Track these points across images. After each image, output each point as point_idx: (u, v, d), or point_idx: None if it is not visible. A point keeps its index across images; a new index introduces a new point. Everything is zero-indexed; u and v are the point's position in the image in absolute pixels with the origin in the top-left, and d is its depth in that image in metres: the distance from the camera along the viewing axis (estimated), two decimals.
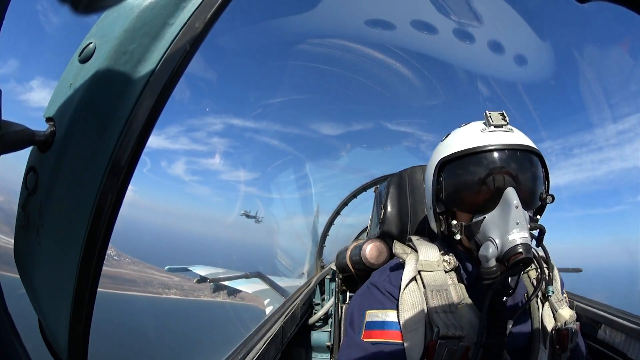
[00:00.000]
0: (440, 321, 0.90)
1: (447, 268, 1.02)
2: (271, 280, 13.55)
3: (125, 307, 34.43)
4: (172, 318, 35.36)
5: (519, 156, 0.95)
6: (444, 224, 1.03)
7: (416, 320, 0.94)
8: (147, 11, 0.47)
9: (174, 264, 19.27)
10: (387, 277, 1.08)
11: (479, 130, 1.00)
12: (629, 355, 1.41)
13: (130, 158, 0.45)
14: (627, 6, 0.45)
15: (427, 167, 1.12)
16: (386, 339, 0.96)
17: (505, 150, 0.94)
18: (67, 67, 0.53)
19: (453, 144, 1.02)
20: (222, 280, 17.75)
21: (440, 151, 1.05)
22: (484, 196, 0.94)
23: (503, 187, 0.91)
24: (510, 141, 0.95)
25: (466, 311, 0.95)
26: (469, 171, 0.96)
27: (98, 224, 0.45)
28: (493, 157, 0.94)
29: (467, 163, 0.97)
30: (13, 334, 0.50)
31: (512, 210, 0.87)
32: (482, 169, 0.94)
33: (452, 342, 0.87)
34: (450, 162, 1.00)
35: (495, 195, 0.91)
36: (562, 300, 1.06)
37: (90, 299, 0.48)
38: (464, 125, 1.08)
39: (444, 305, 0.93)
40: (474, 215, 0.95)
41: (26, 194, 0.54)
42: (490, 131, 0.98)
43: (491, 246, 0.87)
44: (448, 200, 1.01)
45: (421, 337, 0.92)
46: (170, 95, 0.46)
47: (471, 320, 0.94)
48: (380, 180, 3.18)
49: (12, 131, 0.44)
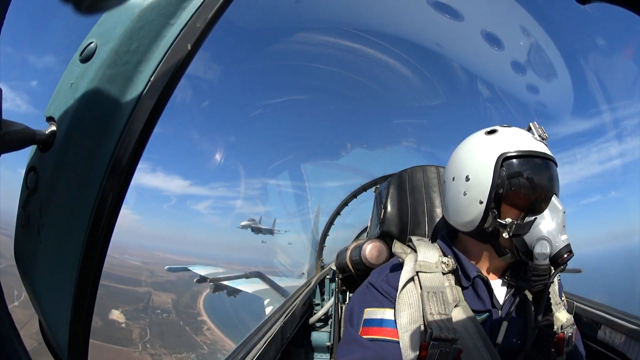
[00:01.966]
0: (434, 323, 0.91)
1: (445, 270, 1.02)
2: (271, 280, 13.54)
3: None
4: None
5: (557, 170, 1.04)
6: (491, 220, 0.99)
7: (412, 321, 0.95)
8: (149, 11, 0.47)
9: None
10: (385, 277, 1.09)
11: (530, 137, 1.03)
12: (628, 356, 1.41)
13: (131, 158, 0.45)
14: (627, 7, 0.45)
15: (468, 159, 1.06)
16: (383, 336, 0.97)
17: (554, 162, 1.03)
18: (68, 67, 0.53)
19: (511, 142, 1.00)
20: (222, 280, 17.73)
21: (494, 145, 1.02)
22: (542, 198, 0.98)
23: (552, 193, 0.99)
24: (552, 155, 1.03)
25: (460, 314, 0.96)
26: (536, 172, 0.99)
27: (98, 224, 0.45)
28: (551, 164, 1.01)
29: (534, 164, 0.99)
30: (13, 334, 0.49)
31: (561, 214, 0.95)
32: (547, 173, 1.00)
33: (445, 344, 0.88)
34: (513, 158, 0.99)
35: (547, 199, 0.97)
36: (559, 304, 1.07)
37: (90, 299, 0.48)
38: (509, 127, 1.08)
39: (439, 307, 0.94)
40: (526, 215, 0.97)
41: (27, 194, 0.53)
42: (538, 141, 1.03)
43: (547, 245, 0.92)
44: (507, 196, 0.98)
45: (417, 338, 0.93)
46: (171, 95, 0.46)
47: (465, 323, 0.94)
48: (380, 180, 3.18)
49: (13, 130, 0.44)
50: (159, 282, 54.58)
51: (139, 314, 40.93)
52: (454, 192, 1.07)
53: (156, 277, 57.52)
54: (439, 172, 1.65)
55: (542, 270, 0.92)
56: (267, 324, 1.82)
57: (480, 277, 1.03)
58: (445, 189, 1.13)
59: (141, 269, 58.57)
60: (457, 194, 1.05)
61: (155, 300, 45.87)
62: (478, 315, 0.99)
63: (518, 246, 0.97)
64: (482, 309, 1.01)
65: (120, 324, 36.52)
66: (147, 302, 45.14)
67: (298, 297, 2.48)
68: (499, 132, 1.05)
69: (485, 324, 0.99)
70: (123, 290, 44.50)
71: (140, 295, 46.77)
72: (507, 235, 0.97)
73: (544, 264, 0.91)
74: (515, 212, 0.98)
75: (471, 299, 1.01)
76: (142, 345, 33.88)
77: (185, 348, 31.94)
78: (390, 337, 0.96)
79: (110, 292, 41.64)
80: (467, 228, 1.04)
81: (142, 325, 37.68)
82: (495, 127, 1.08)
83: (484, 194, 0.98)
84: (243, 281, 18.25)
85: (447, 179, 1.11)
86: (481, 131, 1.10)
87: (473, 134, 1.11)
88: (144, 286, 50.37)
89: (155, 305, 44.62)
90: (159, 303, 45.58)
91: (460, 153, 1.09)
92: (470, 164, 1.04)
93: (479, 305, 1.01)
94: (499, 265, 1.08)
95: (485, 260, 1.07)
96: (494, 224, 0.98)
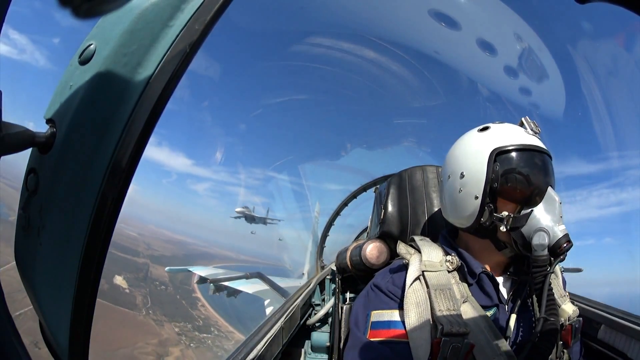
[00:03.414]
0: (444, 319, 0.91)
1: (449, 268, 1.03)
2: (271, 280, 13.55)
3: None
4: None
5: (552, 163, 1.05)
6: (487, 215, 1.00)
7: (421, 319, 0.95)
8: (147, 13, 0.47)
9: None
10: (390, 278, 1.09)
11: (523, 131, 1.04)
12: (629, 355, 1.41)
13: (131, 159, 0.45)
14: (627, 7, 0.45)
15: (462, 156, 1.08)
16: (393, 337, 0.96)
17: (548, 154, 1.04)
18: (67, 69, 0.53)
19: (503, 137, 1.02)
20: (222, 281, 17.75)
21: (487, 141, 1.03)
22: (537, 191, 0.98)
23: (548, 185, 1.00)
24: (545, 148, 1.04)
25: (469, 310, 0.96)
26: (530, 165, 1.00)
27: (98, 225, 0.45)
28: (545, 157, 1.02)
29: (527, 157, 1.00)
30: (13, 334, 0.50)
31: (557, 205, 0.96)
32: (541, 165, 1.01)
33: (456, 340, 0.88)
34: (506, 153, 1.00)
35: (542, 192, 0.98)
36: (564, 296, 1.08)
37: (91, 299, 0.48)
38: (501, 123, 1.09)
39: (447, 303, 0.94)
40: (522, 208, 0.98)
41: (27, 195, 0.54)
42: (531, 135, 1.04)
43: (546, 236, 0.92)
44: (502, 190, 0.99)
45: (427, 336, 0.92)
46: (170, 96, 0.46)
47: (475, 318, 0.95)
48: (380, 180, 3.18)
49: (13, 133, 0.44)
50: (155, 255, 59.30)
51: (139, 283, 44.20)
52: (450, 190, 1.09)
53: (152, 250, 62.26)
54: (438, 172, 1.65)
55: (542, 261, 0.93)
56: (267, 325, 1.82)
57: (486, 273, 1.04)
58: (443, 187, 1.14)
59: (137, 240, 63.33)
60: (454, 191, 1.07)
61: (153, 273, 49.60)
62: (486, 311, 1.00)
63: (516, 239, 0.98)
64: (490, 304, 1.02)
65: (125, 289, 40.27)
66: (146, 272, 48.95)
67: (298, 298, 2.48)
68: (492, 129, 1.07)
69: (493, 319, 1.00)
70: (123, 259, 48.02)
71: (140, 265, 51.04)
72: (504, 229, 0.98)
73: (543, 255, 0.92)
74: (512, 205, 0.99)
75: (478, 295, 1.02)
76: (145, 310, 37.54)
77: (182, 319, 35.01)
78: (400, 338, 0.96)
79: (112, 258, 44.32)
80: (465, 224, 1.05)
81: (143, 293, 41.26)
82: (488, 125, 1.09)
83: (479, 189, 1.00)
84: (243, 282, 18.29)
85: (444, 177, 1.13)
86: (474, 129, 1.11)
87: (466, 132, 1.13)
88: (141, 257, 54.55)
89: (153, 277, 48.31)
90: (157, 275, 48.88)
91: (455, 151, 1.11)
92: (464, 161, 1.05)
93: (486, 300, 1.02)
94: (500, 261, 1.08)
95: (486, 256, 1.08)
96: (491, 218, 0.99)
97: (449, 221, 1.14)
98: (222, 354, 33.21)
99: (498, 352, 0.91)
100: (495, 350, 0.91)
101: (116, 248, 48.02)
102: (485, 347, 0.91)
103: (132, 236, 62.68)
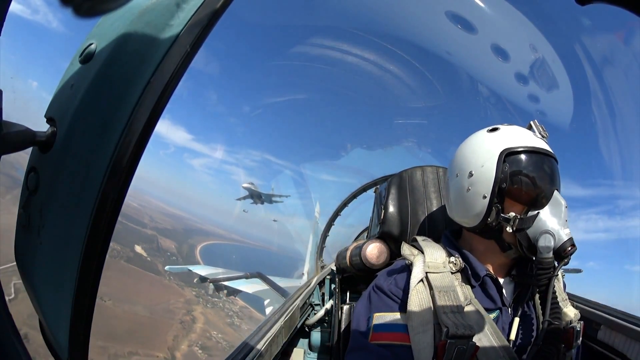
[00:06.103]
0: (449, 321, 0.90)
1: (453, 269, 1.03)
2: (271, 280, 13.53)
3: None
4: None
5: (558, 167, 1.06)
6: (494, 215, 1.00)
7: (425, 321, 0.94)
8: (148, 12, 0.47)
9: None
10: (392, 279, 1.08)
11: (532, 134, 1.05)
12: (628, 356, 1.41)
13: (131, 159, 0.45)
14: (627, 8, 0.45)
15: (471, 155, 1.07)
16: (394, 341, 0.96)
17: (555, 159, 1.04)
18: (68, 68, 0.53)
19: (513, 139, 1.02)
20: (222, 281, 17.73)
21: (497, 141, 1.03)
22: (544, 193, 0.99)
23: (554, 188, 1.00)
24: (553, 152, 1.04)
25: (474, 312, 0.96)
26: (539, 167, 1.00)
27: (99, 225, 0.45)
28: (552, 161, 1.03)
29: (536, 160, 1.01)
30: (13, 334, 0.50)
31: (563, 209, 0.96)
32: (549, 168, 1.01)
33: (461, 342, 0.88)
34: (516, 154, 1.00)
35: (549, 194, 0.98)
36: (566, 300, 1.07)
37: (91, 299, 0.48)
38: (509, 125, 1.09)
39: (451, 305, 0.94)
40: (529, 210, 0.98)
41: (27, 194, 0.54)
42: (539, 138, 1.04)
43: (551, 239, 0.93)
44: (511, 190, 0.99)
45: (430, 339, 0.92)
46: (171, 96, 0.46)
47: (479, 321, 0.95)
48: (380, 180, 3.18)
49: (13, 132, 0.44)
50: (159, 227, 66.96)
51: (154, 252, 52.52)
52: (458, 188, 1.08)
53: (156, 222, 69.84)
54: (438, 172, 1.65)
55: (547, 263, 0.93)
56: (267, 324, 1.82)
57: (489, 276, 1.03)
58: (449, 186, 1.14)
59: (141, 211, 70.24)
60: (461, 190, 1.06)
61: (162, 244, 58.27)
62: (489, 313, 0.99)
63: (522, 241, 0.98)
64: (493, 307, 1.02)
65: (146, 258, 48.38)
66: (157, 243, 57.38)
67: (298, 298, 2.47)
68: (501, 130, 1.07)
69: (497, 321, 1.00)
70: (135, 230, 55.62)
71: (149, 237, 58.63)
72: (510, 230, 0.98)
73: (548, 257, 0.92)
74: (519, 206, 0.99)
75: (481, 297, 1.01)
76: (167, 276, 45.13)
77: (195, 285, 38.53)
78: (401, 341, 0.95)
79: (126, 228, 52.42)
80: (471, 223, 1.05)
81: (161, 262, 48.72)
82: (497, 126, 1.09)
83: (488, 188, 1.00)
84: (243, 281, 18.33)
85: (451, 176, 1.12)
86: (483, 130, 1.11)
87: (475, 132, 1.13)
88: (149, 229, 62.09)
89: (164, 248, 57.03)
90: (166, 247, 58.62)
91: (464, 150, 1.11)
92: (473, 160, 1.05)
93: (489, 303, 1.02)
94: (503, 262, 1.08)
95: (490, 257, 1.08)
96: (498, 218, 0.99)
97: (454, 220, 1.14)
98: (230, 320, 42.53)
99: (502, 355, 0.91)
100: (499, 353, 0.91)
101: (126, 219, 54.32)
102: (489, 350, 0.91)
103: (135, 207, 68.61)
